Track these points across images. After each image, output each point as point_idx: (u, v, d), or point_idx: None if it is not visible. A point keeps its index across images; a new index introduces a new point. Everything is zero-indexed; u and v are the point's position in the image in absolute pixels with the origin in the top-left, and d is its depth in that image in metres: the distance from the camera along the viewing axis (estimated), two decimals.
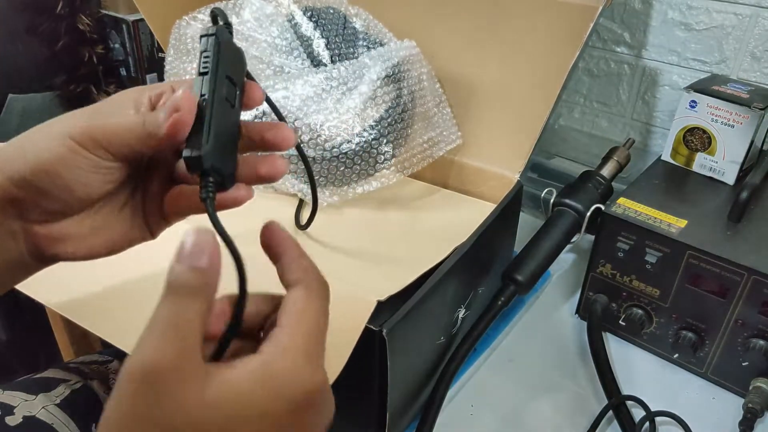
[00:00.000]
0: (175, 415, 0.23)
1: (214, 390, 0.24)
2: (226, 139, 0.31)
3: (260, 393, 0.25)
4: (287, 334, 0.26)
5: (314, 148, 0.56)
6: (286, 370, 0.25)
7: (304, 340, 0.26)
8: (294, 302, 0.28)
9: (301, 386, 0.26)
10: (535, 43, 0.62)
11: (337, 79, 0.57)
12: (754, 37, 0.70)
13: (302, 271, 0.29)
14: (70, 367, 0.57)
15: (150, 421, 0.23)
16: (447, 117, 0.64)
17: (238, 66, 0.33)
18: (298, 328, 0.27)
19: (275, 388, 0.25)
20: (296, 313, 0.27)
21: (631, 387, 0.59)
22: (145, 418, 0.23)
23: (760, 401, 0.53)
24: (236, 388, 0.25)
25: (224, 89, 0.31)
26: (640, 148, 0.83)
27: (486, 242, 0.55)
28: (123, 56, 0.96)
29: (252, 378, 0.25)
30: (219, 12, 0.33)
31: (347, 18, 0.63)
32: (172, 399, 0.23)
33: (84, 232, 0.33)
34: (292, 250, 0.29)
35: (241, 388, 0.25)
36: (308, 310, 0.27)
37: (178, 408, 0.23)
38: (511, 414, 0.57)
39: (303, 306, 0.27)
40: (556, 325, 0.67)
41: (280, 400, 0.25)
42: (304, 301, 0.28)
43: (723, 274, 0.54)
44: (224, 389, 0.24)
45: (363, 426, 0.51)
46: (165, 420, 0.23)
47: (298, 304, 0.27)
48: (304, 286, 0.28)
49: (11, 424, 0.47)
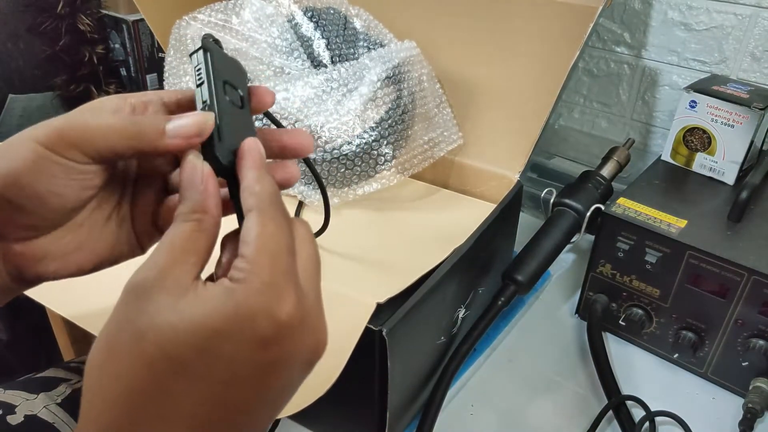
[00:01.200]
0: (143, 319, 0.24)
1: (184, 304, 0.24)
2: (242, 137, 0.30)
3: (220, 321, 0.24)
4: (246, 263, 0.25)
5: (315, 149, 0.56)
6: (246, 302, 0.25)
7: (263, 269, 0.25)
8: (247, 230, 0.26)
9: (265, 318, 0.25)
10: (535, 43, 0.62)
11: (338, 81, 0.57)
12: (754, 37, 0.70)
13: (254, 196, 0.27)
14: (71, 366, 0.57)
15: (126, 323, 0.25)
16: (447, 117, 0.65)
17: (234, 71, 0.32)
18: (256, 258, 0.25)
19: (238, 320, 0.24)
20: (251, 241, 0.26)
21: (631, 387, 0.59)
22: (122, 321, 0.25)
23: (760, 401, 0.53)
24: (201, 308, 0.24)
25: (226, 93, 0.31)
26: (640, 148, 0.83)
27: (486, 242, 0.56)
28: (123, 56, 0.96)
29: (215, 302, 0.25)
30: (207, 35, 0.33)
31: (348, 18, 0.63)
32: (147, 306, 0.24)
33: (67, 249, 0.32)
34: (246, 179, 0.28)
35: (206, 308, 0.24)
36: (263, 235, 0.26)
37: (150, 314, 0.24)
38: (511, 414, 0.57)
39: (257, 232, 0.26)
40: (556, 325, 0.67)
41: (243, 333, 0.24)
42: (257, 227, 0.26)
43: (723, 274, 0.54)
44: (192, 305, 0.24)
45: (363, 426, 0.51)
46: (135, 324, 0.24)
47: (251, 231, 0.26)
48: (255, 211, 0.27)
49: (13, 423, 0.47)
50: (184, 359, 0.24)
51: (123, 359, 0.24)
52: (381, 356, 0.44)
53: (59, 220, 0.31)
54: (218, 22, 0.61)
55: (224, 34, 0.61)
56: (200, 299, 0.25)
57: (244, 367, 0.25)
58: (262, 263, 0.25)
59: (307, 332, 0.26)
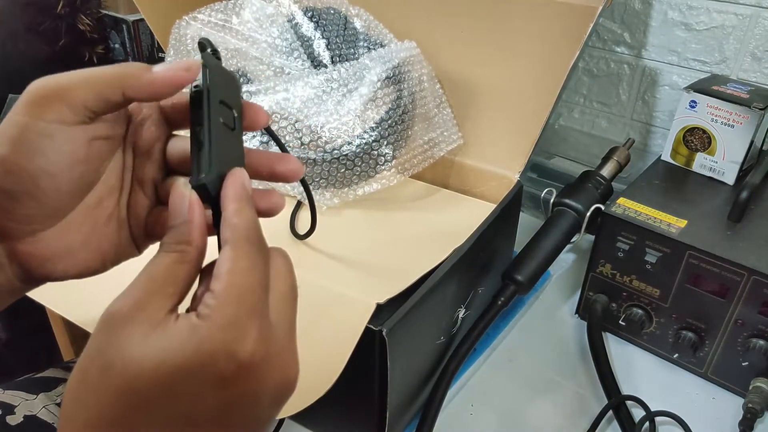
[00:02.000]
0: (112, 351, 0.24)
1: (153, 339, 0.24)
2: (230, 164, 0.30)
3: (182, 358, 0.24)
4: (213, 299, 0.25)
5: (315, 149, 0.56)
6: (208, 340, 0.24)
7: (228, 306, 0.25)
8: (220, 265, 0.26)
9: (225, 357, 0.24)
10: (535, 43, 0.62)
11: (338, 81, 0.57)
12: (755, 38, 0.70)
13: (230, 229, 0.27)
14: (70, 366, 0.57)
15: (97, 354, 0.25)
16: (447, 117, 0.65)
17: (231, 89, 0.32)
18: (223, 294, 0.25)
19: (199, 359, 0.24)
20: (221, 276, 0.26)
21: (631, 387, 0.59)
22: (94, 351, 0.25)
23: (760, 401, 0.53)
24: (166, 344, 0.24)
25: (220, 114, 0.30)
26: (640, 148, 0.83)
27: (486, 242, 0.55)
28: (123, 56, 0.96)
29: (180, 338, 0.25)
30: (206, 41, 0.32)
31: (348, 18, 0.63)
32: (117, 338, 0.24)
33: (73, 246, 0.31)
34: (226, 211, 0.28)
35: (171, 344, 0.24)
36: (233, 271, 0.26)
37: (119, 347, 0.24)
38: (511, 414, 0.57)
39: (227, 268, 0.26)
40: (556, 325, 0.67)
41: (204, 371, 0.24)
42: (229, 263, 0.26)
43: (723, 274, 0.54)
44: (160, 340, 0.24)
45: (363, 426, 0.51)
46: (106, 356, 0.24)
47: (223, 266, 0.26)
48: (230, 246, 0.27)
49: (12, 423, 0.47)
50: (148, 394, 0.24)
51: (92, 389, 0.24)
52: (381, 356, 0.44)
53: (57, 207, 0.30)
54: (218, 22, 0.61)
55: (224, 34, 0.61)
56: (167, 335, 0.25)
57: (205, 404, 0.25)
58: (228, 300, 0.25)
59: (273, 370, 0.26)
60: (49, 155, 0.28)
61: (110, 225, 0.33)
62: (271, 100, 0.56)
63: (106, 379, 0.24)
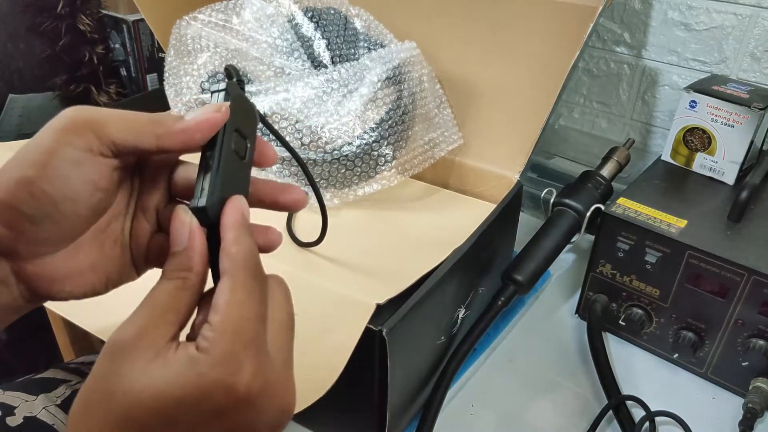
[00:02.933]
0: (114, 380, 0.25)
1: (153, 369, 0.25)
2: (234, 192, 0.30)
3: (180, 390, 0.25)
4: (211, 331, 0.26)
5: (315, 150, 0.56)
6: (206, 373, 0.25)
7: (225, 339, 0.25)
8: (218, 296, 0.27)
9: (222, 390, 0.25)
10: (535, 43, 0.62)
11: (338, 81, 0.57)
12: (754, 38, 0.70)
13: (228, 259, 0.27)
14: (70, 367, 0.57)
15: (101, 381, 0.25)
16: (448, 118, 0.65)
17: (249, 121, 0.32)
18: (221, 327, 0.26)
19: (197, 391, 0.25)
20: (218, 308, 0.26)
21: (631, 387, 0.59)
22: (98, 378, 0.26)
23: (760, 401, 0.53)
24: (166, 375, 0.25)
25: (233, 141, 0.30)
26: (640, 148, 0.83)
27: (486, 242, 0.56)
28: (123, 56, 0.96)
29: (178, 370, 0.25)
30: (232, 68, 0.33)
31: (348, 19, 0.63)
32: (119, 367, 0.25)
33: (81, 267, 0.31)
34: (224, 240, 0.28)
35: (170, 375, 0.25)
36: (230, 304, 0.26)
37: (121, 376, 0.25)
38: (511, 414, 0.57)
39: (225, 300, 0.26)
40: (556, 325, 0.67)
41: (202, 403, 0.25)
42: (226, 295, 0.26)
43: (723, 274, 0.54)
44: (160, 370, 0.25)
45: (363, 426, 0.51)
46: (108, 384, 0.25)
47: (220, 297, 0.26)
48: (228, 276, 0.27)
49: (12, 424, 0.47)
50: (147, 424, 0.25)
51: (93, 416, 0.25)
52: (381, 356, 0.44)
53: (70, 231, 0.30)
54: (218, 22, 0.61)
55: (224, 34, 0.61)
56: (167, 366, 0.25)
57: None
58: (225, 333, 0.26)
59: (271, 400, 0.27)
60: (74, 182, 0.29)
61: (115, 248, 0.33)
62: (272, 101, 0.56)
63: (107, 407, 0.25)
